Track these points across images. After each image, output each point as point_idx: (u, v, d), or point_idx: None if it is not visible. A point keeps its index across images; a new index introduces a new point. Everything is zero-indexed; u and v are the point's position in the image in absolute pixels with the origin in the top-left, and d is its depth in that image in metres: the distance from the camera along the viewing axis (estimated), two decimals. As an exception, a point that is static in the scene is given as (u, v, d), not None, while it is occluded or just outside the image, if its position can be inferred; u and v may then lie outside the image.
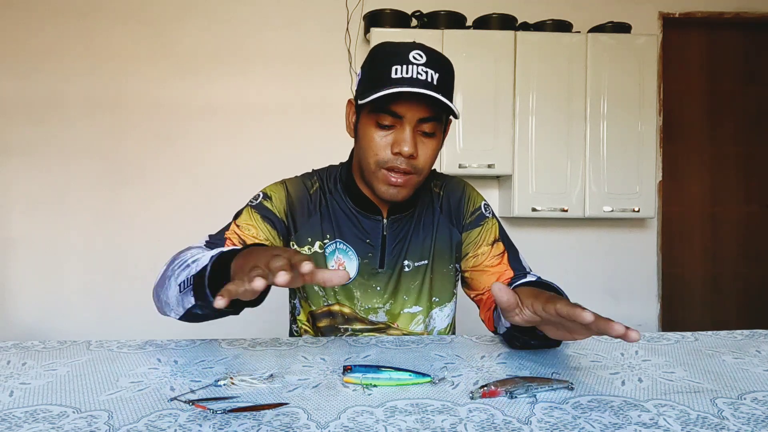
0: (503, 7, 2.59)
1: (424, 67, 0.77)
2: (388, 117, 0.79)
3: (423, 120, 0.79)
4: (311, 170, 1.00)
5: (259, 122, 2.65)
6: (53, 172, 2.61)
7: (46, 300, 2.62)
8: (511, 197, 2.48)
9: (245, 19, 2.65)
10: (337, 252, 0.92)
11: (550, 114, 2.47)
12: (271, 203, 0.91)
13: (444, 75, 0.79)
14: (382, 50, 0.81)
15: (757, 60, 2.93)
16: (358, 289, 0.93)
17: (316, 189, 0.94)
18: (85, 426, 0.47)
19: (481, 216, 0.97)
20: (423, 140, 0.81)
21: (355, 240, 0.92)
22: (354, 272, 0.92)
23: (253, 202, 0.92)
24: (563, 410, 0.51)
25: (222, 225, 0.94)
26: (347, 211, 0.92)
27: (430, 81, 0.77)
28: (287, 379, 0.61)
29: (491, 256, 0.93)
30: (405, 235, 0.93)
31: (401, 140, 0.79)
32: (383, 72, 0.78)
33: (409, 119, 0.79)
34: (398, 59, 0.77)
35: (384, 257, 0.92)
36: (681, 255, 2.92)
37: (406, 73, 0.76)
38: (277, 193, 0.93)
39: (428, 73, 0.77)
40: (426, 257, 0.94)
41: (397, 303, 0.94)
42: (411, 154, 0.79)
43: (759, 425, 0.47)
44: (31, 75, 2.59)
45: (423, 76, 0.76)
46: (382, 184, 0.83)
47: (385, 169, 0.81)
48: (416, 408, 0.51)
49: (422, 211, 0.95)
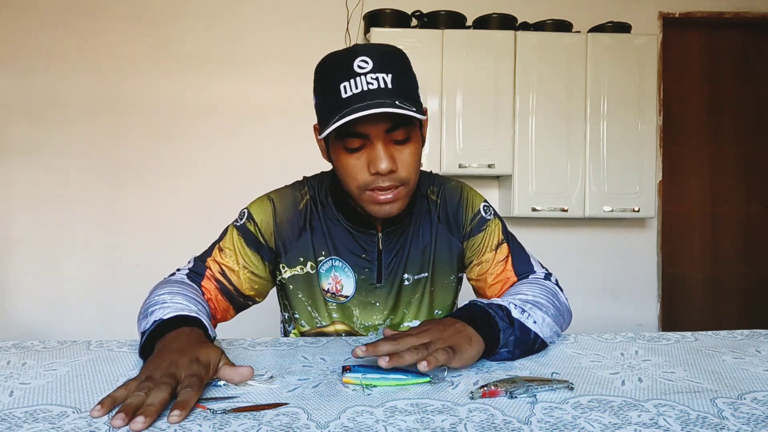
0: (503, 7, 2.58)
1: (372, 74, 0.70)
2: (354, 140, 0.74)
3: (390, 130, 0.73)
4: (303, 178, 0.95)
5: (258, 122, 2.65)
6: (53, 171, 2.61)
7: (46, 300, 2.62)
8: (511, 197, 2.48)
9: (245, 19, 2.65)
10: (333, 270, 0.88)
11: (550, 114, 2.47)
12: (256, 227, 0.86)
13: (398, 73, 0.72)
14: (326, 66, 0.75)
15: (757, 60, 2.93)
16: (356, 307, 0.89)
17: (306, 201, 0.89)
18: (85, 426, 0.47)
19: (482, 220, 0.92)
20: (398, 149, 0.75)
21: (350, 256, 0.88)
22: (352, 290, 0.88)
23: (238, 221, 0.88)
24: (563, 410, 0.51)
25: (221, 225, 0.93)
26: (340, 225, 0.88)
27: (384, 86, 0.70)
28: (287, 379, 0.60)
29: (495, 263, 0.90)
30: (402, 248, 0.89)
31: (375, 159, 0.73)
32: (333, 93, 0.72)
33: (376, 135, 0.73)
34: (343, 74, 0.71)
35: (381, 272, 0.88)
36: (681, 255, 2.92)
37: (356, 88, 0.70)
38: (263, 214, 0.87)
39: (379, 78, 0.70)
40: (426, 270, 0.91)
41: (397, 318, 0.91)
42: (390, 169, 0.73)
43: (759, 425, 0.47)
44: (31, 75, 2.59)
45: (374, 85, 0.70)
46: (372, 205, 0.77)
47: (369, 191, 0.76)
48: (416, 408, 0.51)
49: (419, 222, 0.91)
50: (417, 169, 0.79)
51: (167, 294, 0.74)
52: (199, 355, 0.57)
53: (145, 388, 0.50)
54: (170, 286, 0.78)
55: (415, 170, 0.78)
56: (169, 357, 0.56)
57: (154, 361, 0.56)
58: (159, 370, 0.54)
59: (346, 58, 0.72)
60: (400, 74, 0.73)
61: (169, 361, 0.55)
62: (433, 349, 0.59)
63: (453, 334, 0.63)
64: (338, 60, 0.73)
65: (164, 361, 0.55)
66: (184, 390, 0.50)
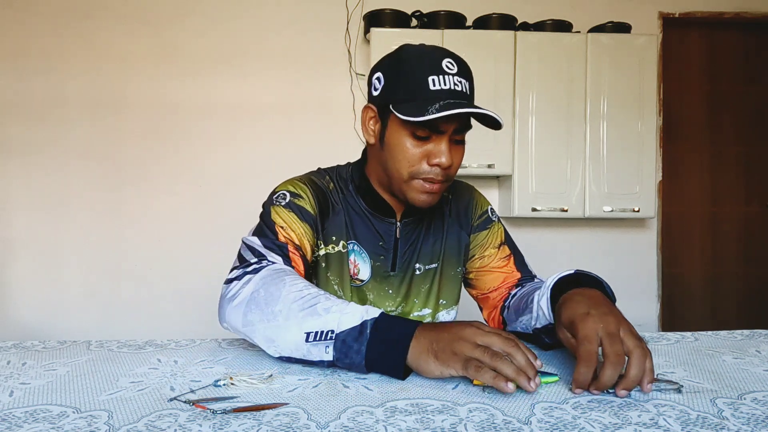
0: (503, 7, 2.59)
1: (457, 77, 0.76)
2: (425, 130, 0.77)
3: (458, 131, 0.79)
4: (318, 168, 0.96)
5: (259, 122, 2.65)
6: (53, 172, 2.61)
7: (46, 300, 2.62)
8: (511, 197, 2.48)
9: (246, 20, 2.65)
10: (353, 254, 0.90)
11: (550, 114, 2.47)
12: (304, 201, 0.87)
13: (472, 82, 0.79)
14: (410, 55, 0.78)
15: (757, 60, 2.93)
16: (371, 292, 0.92)
17: (333, 187, 0.92)
18: (85, 426, 0.47)
19: (488, 220, 0.98)
20: (455, 148, 0.80)
21: (368, 242, 0.90)
22: (368, 274, 0.91)
23: (281, 201, 0.86)
24: (563, 410, 0.51)
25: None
26: (360, 212, 0.91)
27: (465, 91, 0.76)
28: (287, 379, 0.60)
29: (498, 259, 0.96)
30: (416, 239, 0.93)
31: (439, 153, 0.78)
32: (419, 82, 0.75)
33: (447, 132, 0.78)
34: (432, 69, 0.75)
35: (396, 260, 0.91)
36: (681, 255, 2.92)
37: (444, 85, 0.75)
38: (304, 191, 0.88)
39: (462, 83, 0.76)
40: (436, 261, 0.94)
41: (408, 306, 0.94)
42: (449, 164, 0.78)
43: (759, 425, 0.47)
44: (31, 75, 2.59)
45: (459, 87, 0.76)
46: (417, 193, 0.81)
47: (420, 179, 0.80)
48: (416, 408, 0.51)
49: (433, 215, 0.95)
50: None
51: (301, 281, 0.71)
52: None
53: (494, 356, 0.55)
54: (296, 279, 0.72)
55: (458, 170, 0.84)
56: (455, 342, 0.59)
57: (448, 350, 0.59)
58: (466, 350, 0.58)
59: (433, 54, 0.77)
60: (472, 83, 0.80)
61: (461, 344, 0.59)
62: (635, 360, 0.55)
63: (619, 321, 0.59)
64: (425, 54, 0.78)
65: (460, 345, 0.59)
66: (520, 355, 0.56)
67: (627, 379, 0.54)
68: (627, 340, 0.56)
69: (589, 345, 0.56)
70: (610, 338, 0.56)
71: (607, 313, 0.59)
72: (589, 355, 0.55)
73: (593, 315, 0.59)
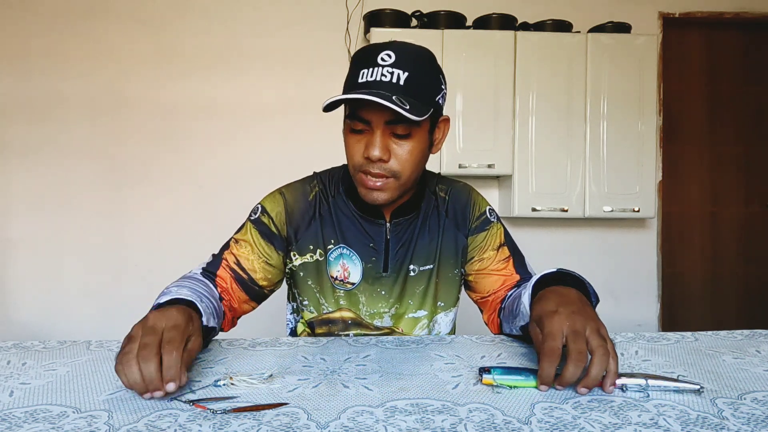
0: (503, 7, 2.59)
1: (390, 68, 0.75)
2: (358, 123, 0.78)
3: (390, 123, 0.77)
4: (312, 173, 0.98)
5: (259, 122, 2.65)
6: (53, 172, 2.61)
7: (46, 300, 2.62)
8: (511, 197, 2.48)
9: (245, 20, 2.65)
10: (342, 258, 0.91)
11: (550, 114, 2.47)
12: (270, 219, 0.91)
13: (415, 73, 0.76)
14: (358, 52, 0.80)
15: (757, 60, 2.93)
16: (362, 294, 0.92)
17: (316, 193, 0.93)
18: (85, 426, 0.47)
19: (486, 221, 0.97)
20: (397, 142, 0.79)
21: (358, 244, 0.91)
22: (359, 277, 0.91)
23: (252, 215, 0.93)
24: (563, 410, 0.51)
25: (221, 225, 0.94)
26: (349, 215, 0.91)
27: (395, 82, 0.75)
28: (287, 379, 0.61)
29: (497, 261, 0.94)
30: (409, 239, 0.92)
31: (369, 144, 0.78)
32: (352, 77, 0.78)
33: (377, 123, 0.77)
34: (367, 62, 0.76)
35: (388, 261, 0.91)
36: (681, 255, 2.92)
37: (371, 77, 0.75)
38: (275, 207, 0.92)
39: (394, 73, 0.75)
40: (431, 261, 0.94)
41: (402, 307, 0.93)
42: (379, 157, 0.77)
43: (759, 425, 0.47)
44: (31, 75, 2.59)
45: (387, 78, 0.75)
46: (361, 188, 0.83)
47: (361, 172, 0.81)
48: (416, 408, 0.51)
49: (427, 215, 0.94)
50: (413, 165, 0.81)
51: (174, 287, 0.76)
52: (178, 320, 0.59)
53: (133, 358, 0.53)
54: (180, 281, 0.80)
55: (411, 166, 0.81)
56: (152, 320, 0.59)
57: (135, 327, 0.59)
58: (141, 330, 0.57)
59: (375, 49, 0.77)
60: (419, 74, 0.77)
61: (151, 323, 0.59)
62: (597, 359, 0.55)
63: (586, 320, 0.59)
64: (369, 49, 0.78)
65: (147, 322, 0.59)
66: (166, 345, 0.54)
67: (587, 378, 0.54)
68: (592, 339, 0.56)
69: (552, 342, 0.57)
70: (574, 336, 0.57)
71: (575, 311, 0.60)
72: (551, 351, 0.56)
73: (561, 313, 0.60)
